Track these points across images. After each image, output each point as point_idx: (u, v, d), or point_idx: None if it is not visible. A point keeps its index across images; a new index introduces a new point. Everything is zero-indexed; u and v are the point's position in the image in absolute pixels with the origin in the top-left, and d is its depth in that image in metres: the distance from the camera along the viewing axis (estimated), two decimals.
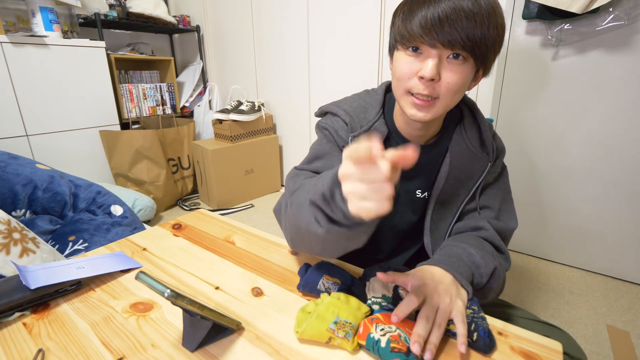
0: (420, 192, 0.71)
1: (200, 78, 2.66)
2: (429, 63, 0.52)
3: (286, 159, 2.52)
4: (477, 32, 0.49)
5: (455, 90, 0.54)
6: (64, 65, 1.84)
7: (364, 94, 0.72)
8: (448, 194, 0.68)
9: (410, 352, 0.40)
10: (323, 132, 0.70)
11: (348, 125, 0.66)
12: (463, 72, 0.53)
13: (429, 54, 0.52)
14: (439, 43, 0.50)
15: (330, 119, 0.69)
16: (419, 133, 0.65)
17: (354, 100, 0.70)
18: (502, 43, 0.54)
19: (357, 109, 0.68)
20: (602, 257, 1.48)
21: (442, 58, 0.52)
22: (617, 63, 1.28)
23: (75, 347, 0.44)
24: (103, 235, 1.20)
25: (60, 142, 1.89)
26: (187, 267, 0.62)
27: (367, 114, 0.67)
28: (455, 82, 0.53)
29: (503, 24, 0.53)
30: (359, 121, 0.67)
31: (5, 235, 0.76)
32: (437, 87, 0.53)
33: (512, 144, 1.57)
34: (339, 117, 0.68)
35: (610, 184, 1.40)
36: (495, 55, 0.55)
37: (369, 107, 0.68)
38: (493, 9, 0.50)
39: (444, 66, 0.52)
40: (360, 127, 0.66)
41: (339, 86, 2.05)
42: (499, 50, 0.55)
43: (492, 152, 0.65)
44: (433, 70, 0.51)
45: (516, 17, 1.41)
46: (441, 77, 0.53)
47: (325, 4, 1.94)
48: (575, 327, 1.19)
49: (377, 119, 0.66)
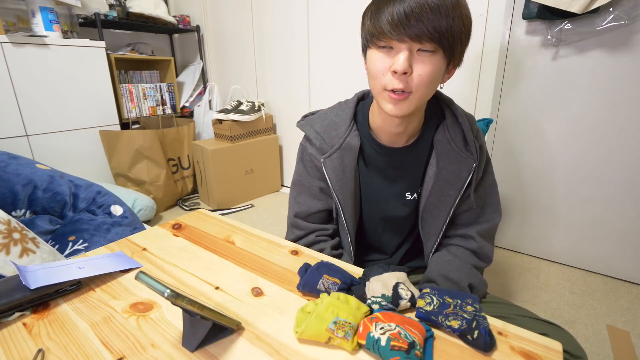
0: (409, 194, 0.73)
1: (200, 78, 2.66)
2: (400, 57, 0.54)
3: (286, 159, 2.52)
4: (443, 23, 0.51)
5: (428, 82, 0.56)
6: (64, 65, 1.84)
7: (336, 107, 0.74)
8: (437, 194, 0.69)
9: (410, 350, 0.40)
10: (303, 160, 0.76)
11: (318, 149, 0.71)
12: (434, 64, 0.55)
13: (399, 49, 0.54)
14: (407, 37, 0.53)
15: (306, 144, 0.74)
16: (398, 130, 0.66)
17: (326, 117, 0.73)
18: (469, 34, 0.57)
19: (328, 127, 0.71)
20: (602, 257, 1.48)
21: (412, 52, 0.54)
22: (617, 63, 1.28)
23: (75, 347, 0.44)
24: (103, 235, 1.20)
25: (60, 142, 1.88)
26: (187, 267, 0.62)
27: (338, 130, 0.70)
28: (427, 73, 0.55)
29: (468, 16, 0.55)
30: (329, 140, 0.70)
31: (5, 235, 0.76)
32: (410, 80, 0.55)
33: (512, 144, 1.57)
34: (312, 141, 0.72)
35: (611, 184, 1.40)
36: (464, 46, 0.57)
37: (340, 122, 0.71)
38: (457, 1, 0.53)
39: (415, 59, 0.55)
40: (331, 146, 0.70)
41: (338, 86, 2.05)
42: (466, 41, 0.57)
43: (476, 151, 0.66)
44: (405, 63, 0.53)
45: (516, 17, 1.41)
46: (413, 70, 0.55)
47: (326, 4, 1.94)
48: (575, 327, 1.19)
49: (348, 133, 0.69)
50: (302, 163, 0.76)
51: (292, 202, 0.79)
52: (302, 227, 0.77)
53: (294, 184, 0.79)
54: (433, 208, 0.71)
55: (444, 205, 0.69)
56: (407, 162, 0.71)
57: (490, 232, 0.73)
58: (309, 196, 0.76)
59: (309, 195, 0.76)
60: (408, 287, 0.52)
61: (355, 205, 0.74)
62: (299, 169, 0.77)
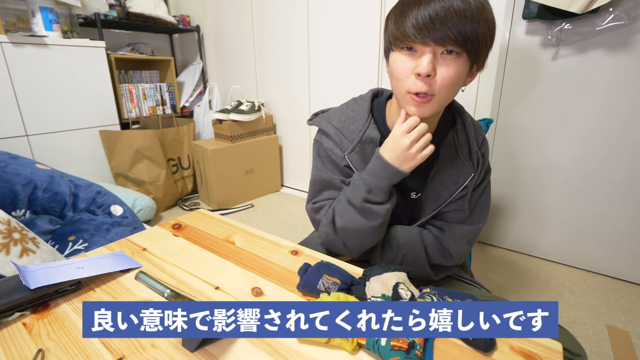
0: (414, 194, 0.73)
1: (200, 78, 2.66)
2: (424, 60, 0.54)
3: (286, 159, 2.52)
4: (468, 27, 0.51)
5: (451, 85, 0.56)
6: (64, 65, 1.84)
7: (351, 102, 0.74)
8: (430, 192, 0.71)
9: (410, 350, 0.40)
10: (320, 155, 0.74)
11: (338, 144, 0.70)
12: (457, 67, 0.55)
13: (423, 52, 0.54)
14: (431, 41, 0.52)
15: (323, 138, 0.73)
16: None
17: (343, 112, 0.72)
18: (493, 38, 0.56)
19: (346, 121, 0.71)
20: (602, 257, 1.48)
21: (436, 54, 0.54)
22: (617, 63, 1.28)
23: (75, 347, 0.44)
24: (103, 235, 1.20)
25: (60, 142, 1.88)
26: (187, 267, 0.62)
27: (357, 124, 0.70)
28: (450, 76, 0.55)
29: (493, 20, 0.55)
30: (348, 134, 0.69)
31: (5, 235, 0.76)
32: (434, 83, 0.55)
33: (512, 144, 1.57)
34: (330, 135, 0.71)
35: (611, 184, 1.40)
36: (488, 50, 0.57)
37: (358, 116, 0.70)
38: (482, 5, 0.53)
39: (438, 62, 0.54)
40: (351, 140, 0.69)
41: (339, 86, 2.05)
42: (490, 45, 0.57)
43: (477, 163, 0.67)
44: (428, 66, 0.53)
45: (516, 17, 1.41)
46: (437, 72, 0.54)
47: (326, 4, 1.94)
48: (575, 327, 1.19)
49: (367, 126, 0.69)
50: (319, 159, 0.74)
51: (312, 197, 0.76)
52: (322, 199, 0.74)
53: (313, 182, 0.76)
54: (422, 202, 0.72)
55: (433, 202, 0.71)
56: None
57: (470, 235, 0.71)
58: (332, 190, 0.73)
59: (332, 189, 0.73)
60: (408, 287, 0.52)
61: None
62: (316, 165, 0.74)
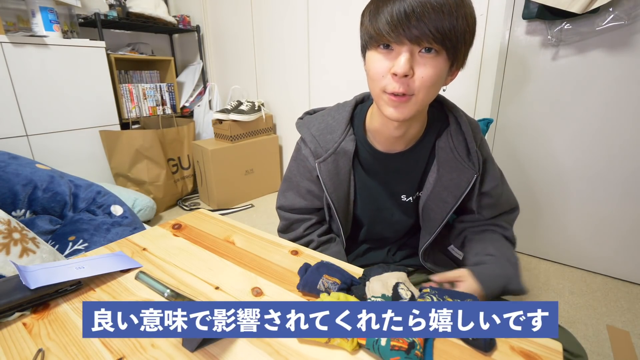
0: (405, 197, 0.72)
1: (200, 78, 2.66)
2: (400, 59, 0.50)
3: (286, 159, 2.52)
4: (446, 23, 0.48)
5: (430, 85, 0.52)
6: (64, 65, 1.84)
7: (334, 109, 0.73)
8: (435, 199, 0.69)
9: (410, 350, 0.40)
10: (297, 159, 0.76)
11: (313, 152, 0.70)
12: (436, 66, 0.51)
13: (400, 50, 0.51)
14: (406, 39, 0.49)
15: (302, 145, 0.74)
16: (397, 134, 0.64)
17: (324, 119, 0.72)
18: (473, 34, 0.53)
19: (324, 130, 0.70)
20: (602, 257, 1.48)
21: (413, 53, 0.51)
22: (617, 63, 1.28)
23: (75, 347, 0.44)
24: (103, 235, 1.20)
25: (60, 142, 1.88)
26: (187, 267, 0.62)
27: (334, 134, 0.69)
28: (429, 76, 0.51)
29: (473, 15, 0.52)
30: (324, 144, 0.69)
31: (5, 235, 0.76)
32: (412, 83, 0.52)
33: (512, 144, 1.57)
34: (307, 143, 0.71)
35: (611, 184, 1.40)
36: (468, 47, 0.54)
37: (337, 126, 0.69)
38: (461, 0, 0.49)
39: (416, 61, 0.51)
40: (326, 150, 0.69)
41: (339, 86, 2.05)
42: (470, 42, 0.54)
43: (478, 162, 0.65)
44: (405, 65, 0.50)
45: (516, 17, 1.41)
46: (415, 72, 0.51)
47: (326, 4, 1.95)
48: (575, 327, 1.19)
49: (343, 137, 0.68)
50: (295, 162, 0.77)
51: (280, 194, 0.81)
52: (284, 218, 0.80)
53: (284, 179, 0.81)
54: (430, 211, 0.71)
55: (441, 211, 0.69)
56: (404, 167, 0.70)
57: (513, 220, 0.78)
58: (296, 194, 0.78)
59: (296, 193, 0.77)
60: (408, 287, 0.52)
61: (349, 206, 0.74)
62: (291, 166, 0.78)
